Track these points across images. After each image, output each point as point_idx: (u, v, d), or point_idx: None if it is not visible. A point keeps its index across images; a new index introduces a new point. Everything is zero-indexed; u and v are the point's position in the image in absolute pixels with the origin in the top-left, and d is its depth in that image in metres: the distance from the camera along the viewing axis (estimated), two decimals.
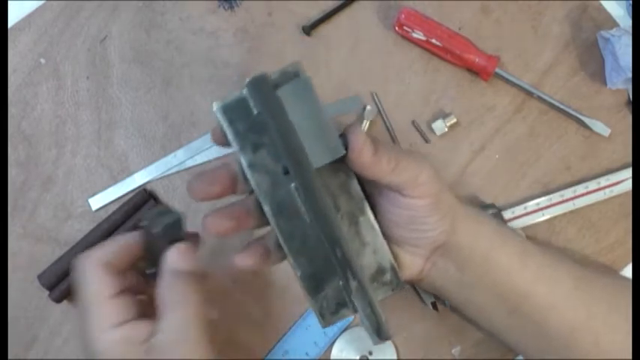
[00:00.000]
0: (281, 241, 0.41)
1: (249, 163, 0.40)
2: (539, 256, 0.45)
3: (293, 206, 0.40)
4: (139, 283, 0.45)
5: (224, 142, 0.41)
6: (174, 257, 0.41)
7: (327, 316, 0.42)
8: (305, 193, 0.38)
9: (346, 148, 0.39)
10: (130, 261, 0.43)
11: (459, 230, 0.43)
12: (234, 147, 0.40)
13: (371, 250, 0.42)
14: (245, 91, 0.39)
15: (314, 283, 0.42)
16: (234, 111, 0.40)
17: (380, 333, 0.39)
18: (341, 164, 0.40)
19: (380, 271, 0.43)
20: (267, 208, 0.40)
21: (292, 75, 0.39)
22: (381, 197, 0.43)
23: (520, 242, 0.46)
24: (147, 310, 0.42)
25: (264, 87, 0.38)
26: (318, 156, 0.38)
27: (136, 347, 0.40)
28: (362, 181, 0.42)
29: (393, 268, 0.43)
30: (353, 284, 0.39)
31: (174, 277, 0.41)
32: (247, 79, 0.38)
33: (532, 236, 0.54)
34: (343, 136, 0.39)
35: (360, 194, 0.42)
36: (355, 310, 0.41)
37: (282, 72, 0.39)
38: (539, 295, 0.44)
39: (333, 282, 0.41)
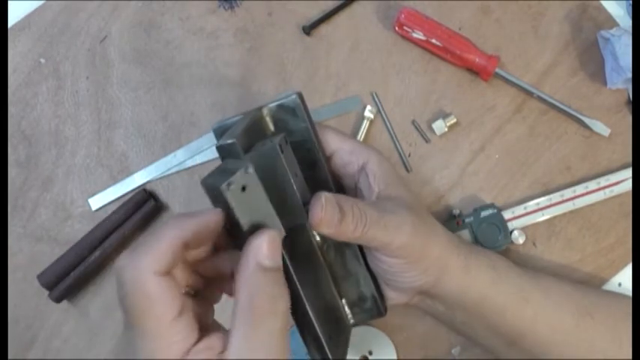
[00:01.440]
0: None
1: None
2: (538, 297, 0.44)
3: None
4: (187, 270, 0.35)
5: None
6: (264, 250, 0.32)
7: (312, 352, 0.42)
8: None
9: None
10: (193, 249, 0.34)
11: (446, 282, 0.43)
12: None
13: (354, 279, 0.44)
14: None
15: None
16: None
17: None
18: None
19: (362, 298, 0.44)
20: None
21: (290, 110, 0.40)
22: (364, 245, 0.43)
23: (518, 285, 0.45)
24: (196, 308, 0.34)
25: (232, 154, 0.36)
26: (284, 219, 0.36)
27: None
28: None
29: (374, 298, 0.44)
30: (308, 339, 0.39)
31: (261, 277, 0.31)
32: (215, 144, 0.36)
33: (532, 237, 0.54)
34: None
35: None
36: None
37: (279, 105, 0.40)
38: (538, 334, 0.44)
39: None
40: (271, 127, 0.41)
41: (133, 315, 0.31)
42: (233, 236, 0.35)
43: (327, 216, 0.37)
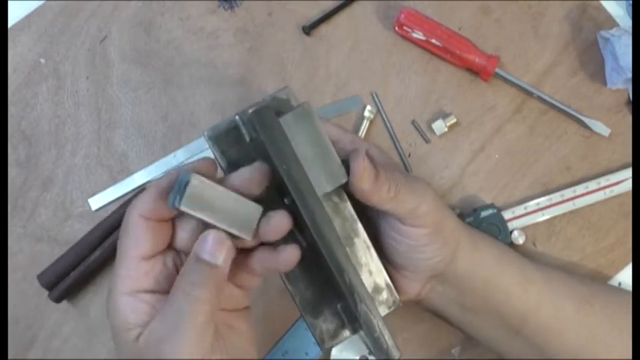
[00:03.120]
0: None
1: None
2: (540, 281, 0.45)
3: (290, 234, 0.40)
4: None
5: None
6: (203, 244, 0.36)
7: (326, 340, 0.42)
8: (312, 223, 0.38)
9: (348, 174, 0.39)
10: None
11: (459, 259, 0.43)
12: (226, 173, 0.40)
13: (366, 270, 0.43)
14: (237, 118, 0.39)
15: (312, 308, 0.42)
16: (225, 139, 0.40)
17: (389, 354, 0.40)
18: (336, 188, 0.40)
19: (376, 290, 0.43)
20: None
21: (284, 102, 0.40)
22: (383, 221, 0.43)
23: (521, 268, 0.46)
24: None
25: (268, 118, 0.38)
26: (321, 183, 0.39)
27: (134, 324, 0.36)
28: (362, 205, 0.42)
29: (388, 287, 0.43)
30: (362, 308, 0.39)
31: (191, 263, 0.36)
32: (251, 110, 0.38)
33: (532, 236, 0.54)
34: (345, 162, 0.39)
35: (354, 216, 0.42)
36: (354, 331, 0.42)
37: (273, 97, 0.40)
38: (540, 319, 0.44)
39: (330, 306, 0.42)
40: None
41: (117, 244, 0.38)
42: None
43: (367, 168, 0.38)
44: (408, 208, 0.40)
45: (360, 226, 0.42)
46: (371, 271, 0.43)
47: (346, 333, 0.42)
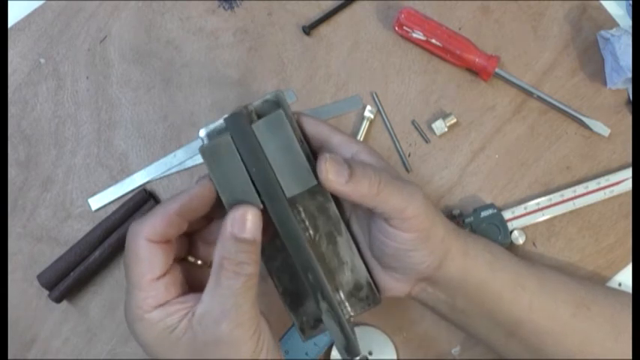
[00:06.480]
0: (262, 259, 0.42)
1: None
2: (535, 286, 0.45)
3: (273, 229, 0.41)
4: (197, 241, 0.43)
5: None
6: (237, 224, 0.38)
7: (306, 330, 0.45)
8: (277, 223, 0.40)
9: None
10: (189, 220, 0.40)
11: (448, 266, 0.43)
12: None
13: (348, 268, 0.44)
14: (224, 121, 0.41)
15: (294, 299, 0.44)
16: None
17: (349, 351, 0.42)
18: (318, 188, 0.41)
19: (357, 287, 0.44)
20: None
21: (273, 104, 0.42)
22: (372, 223, 0.43)
23: (515, 273, 0.45)
24: (198, 276, 0.42)
25: (240, 123, 0.40)
26: (290, 186, 0.40)
27: (174, 324, 0.38)
28: (346, 204, 0.44)
29: (369, 285, 0.44)
30: (323, 306, 0.41)
31: (232, 244, 0.37)
32: (225, 116, 0.40)
33: (532, 236, 0.54)
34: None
35: (338, 215, 0.44)
36: None
37: (264, 101, 0.42)
38: (535, 322, 0.44)
39: (311, 299, 0.43)
40: None
41: (127, 269, 0.39)
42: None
43: (332, 169, 0.39)
44: (393, 207, 0.40)
45: (342, 225, 0.44)
46: (352, 269, 0.44)
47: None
